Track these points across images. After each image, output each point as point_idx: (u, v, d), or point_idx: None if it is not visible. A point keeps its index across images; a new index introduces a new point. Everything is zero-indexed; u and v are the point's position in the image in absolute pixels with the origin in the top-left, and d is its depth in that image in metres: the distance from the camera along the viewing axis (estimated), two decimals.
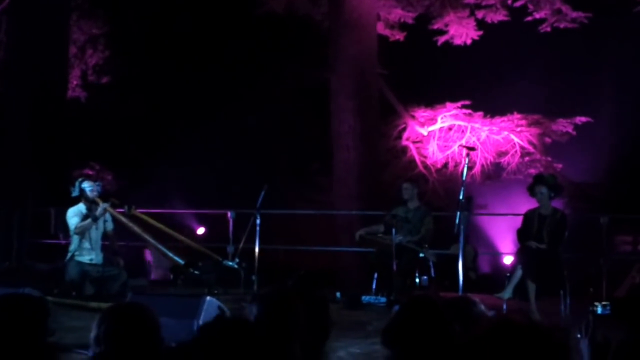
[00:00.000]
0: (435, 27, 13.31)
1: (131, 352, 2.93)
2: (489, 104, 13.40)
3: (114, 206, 9.32)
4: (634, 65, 13.39)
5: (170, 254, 9.91)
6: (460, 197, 7.81)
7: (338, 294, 9.31)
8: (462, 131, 13.49)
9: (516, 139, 13.17)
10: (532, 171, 12.34)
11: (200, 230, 14.61)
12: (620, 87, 14.35)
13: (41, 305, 3.31)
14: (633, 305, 3.01)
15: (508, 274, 8.50)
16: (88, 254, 8.94)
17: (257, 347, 2.65)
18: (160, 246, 9.88)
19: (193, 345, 2.64)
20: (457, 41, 13.25)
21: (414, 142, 13.94)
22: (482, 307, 3.62)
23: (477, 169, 13.20)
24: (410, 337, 3.11)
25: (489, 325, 2.23)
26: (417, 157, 13.89)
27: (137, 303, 3.29)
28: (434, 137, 13.68)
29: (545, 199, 8.33)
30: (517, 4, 12.58)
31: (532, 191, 8.44)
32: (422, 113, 13.86)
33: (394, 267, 8.81)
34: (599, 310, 8.13)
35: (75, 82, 15.68)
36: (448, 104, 13.54)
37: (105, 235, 9.13)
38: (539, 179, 8.60)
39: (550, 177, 8.72)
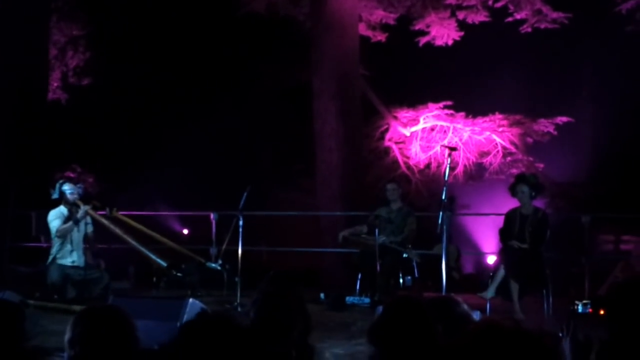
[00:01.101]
0: (417, 28, 13.34)
1: (105, 354, 2.89)
2: (470, 105, 13.44)
3: (95, 209, 9.24)
4: (614, 65, 13.49)
5: (153, 256, 9.84)
6: (443, 198, 7.83)
7: (322, 295, 9.29)
8: (445, 131, 13.52)
9: (498, 139, 13.22)
10: (514, 171, 12.37)
11: (184, 232, 14.55)
12: (600, 87, 14.45)
13: (17, 310, 3.27)
14: (613, 303, 3.01)
15: (491, 274, 8.52)
16: (70, 257, 8.88)
17: (243, 344, 2.62)
18: (142, 248, 9.81)
19: (176, 343, 2.61)
20: (439, 42, 13.28)
21: (396, 143, 13.95)
22: (465, 306, 3.62)
23: (459, 169, 13.23)
24: (395, 336, 3.11)
25: (477, 329, 2.21)
26: (399, 158, 13.90)
27: (111, 305, 3.26)
28: (416, 138, 13.70)
29: (526, 197, 8.36)
30: (498, 4, 12.63)
31: (513, 190, 8.46)
32: (404, 114, 13.87)
33: (378, 267, 8.80)
34: (580, 309, 8.16)
35: (55, 84, 15.57)
36: (430, 105, 13.56)
37: (85, 238, 9.06)
38: (520, 178, 8.63)
39: (532, 177, 8.75)
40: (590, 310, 8.11)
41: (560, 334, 3.39)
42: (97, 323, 2.93)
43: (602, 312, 7.88)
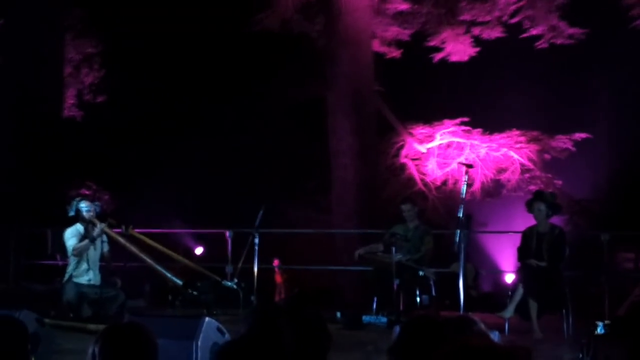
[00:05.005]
0: (432, 44, 13.30)
1: None
2: (487, 121, 13.37)
3: (111, 226, 9.20)
4: (631, 80, 13.37)
5: (169, 275, 9.80)
6: (460, 215, 7.75)
7: (338, 314, 9.19)
8: (461, 148, 13.44)
9: (515, 156, 13.12)
10: (532, 188, 12.28)
11: (199, 250, 14.51)
12: (618, 102, 14.33)
13: (19, 329, 3.27)
14: (633, 323, 2.96)
15: (509, 293, 8.42)
16: (86, 275, 8.83)
17: None
18: (158, 266, 9.78)
19: None
20: (454, 58, 13.23)
21: (412, 160, 13.88)
22: (482, 326, 3.57)
23: (476, 186, 13.13)
24: (414, 356, 3.11)
25: (447, 350, 2.18)
26: (416, 175, 13.82)
27: (134, 323, 3.25)
28: (432, 155, 13.63)
29: (542, 216, 8.30)
30: (514, 20, 12.58)
31: (530, 207, 8.40)
32: (420, 130, 13.81)
33: (395, 285, 8.72)
34: (600, 329, 8.03)
35: (70, 102, 15.63)
36: (446, 121, 13.50)
37: (101, 256, 9.02)
38: (538, 196, 8.59)
39: (550, 196, 8.69)
40: (611, 330, 7.98)
41: (580, 355, 3.36)
42: (120, 340, 2.95)
43: (622, 332, 7.75)
